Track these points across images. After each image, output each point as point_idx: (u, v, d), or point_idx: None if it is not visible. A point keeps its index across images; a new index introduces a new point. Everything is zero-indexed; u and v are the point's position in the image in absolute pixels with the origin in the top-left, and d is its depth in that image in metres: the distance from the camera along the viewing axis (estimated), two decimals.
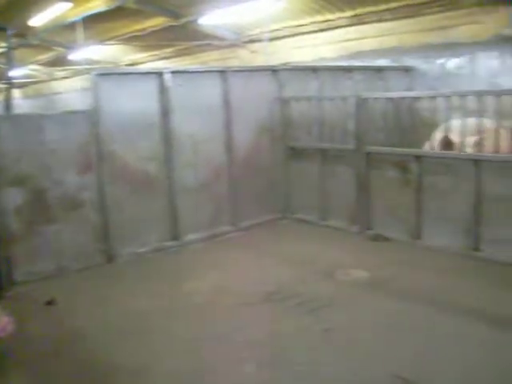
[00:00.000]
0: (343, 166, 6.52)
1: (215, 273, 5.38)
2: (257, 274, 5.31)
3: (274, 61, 10.54)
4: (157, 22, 12.24)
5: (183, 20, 11.59)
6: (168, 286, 5.08)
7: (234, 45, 12.78)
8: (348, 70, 8.07)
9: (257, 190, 7.04)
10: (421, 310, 4.26)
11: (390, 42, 9.72)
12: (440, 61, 8.92)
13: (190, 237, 6.44)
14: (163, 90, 6.04)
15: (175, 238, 6.35)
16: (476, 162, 5.26)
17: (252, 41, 12.38)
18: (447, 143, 5.52)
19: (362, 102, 6.15)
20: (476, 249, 5.41)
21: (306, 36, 11.18)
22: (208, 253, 6.09)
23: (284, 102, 7.05)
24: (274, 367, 3.56)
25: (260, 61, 11.54)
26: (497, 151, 5.14)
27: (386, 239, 6.11)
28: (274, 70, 7.15)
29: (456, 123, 5.54)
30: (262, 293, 4.76)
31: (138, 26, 12.78)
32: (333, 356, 3.65)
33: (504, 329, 3.88)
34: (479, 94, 5.24)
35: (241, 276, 5.30)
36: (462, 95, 5.41)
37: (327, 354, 3.68)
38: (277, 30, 11.41)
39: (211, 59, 13.55)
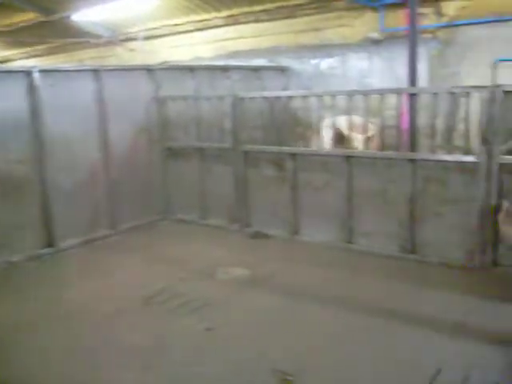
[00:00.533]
0: (221, 164, 6.55)
1: (93, 279, 5.17)
2: (137, 278, 5.18)
3: (153, 60, 10.39)
4: (27, 16, 11.64)
5: (56, 16, 11.10)
6: (42, 296, 4.81)
7: (111, 43, 12.43)
8: (225, 69, 8.12)
9: (136, 192, 6.88)
10: (302, 305, 4.36)
11: (266, 42, 9.92)
12: (314, 61, 9.24)
13: (68, 242, 6.14)
14: (32, 90, 5.72)
15: (51, 244, 6.03)
16: (347, 158, 5.48)
17: (129, 39, 12.12)
18: (340, 138, 5.68)
19: (238, 102, 6.20)
20: (350, 242, 5.64)
21: (183, 35, 11.13)
22: (87, 258, 5.85)
23: (161, 101, 6.95)
24: (158, 370, 3.48)
25: (139, 59, 11.33)
26: (380, 148, 5.38)
27: (266, 236, 6.21)
28: (150, 70, 7.02)
29: (342, 120, 5.72)
30: (143, 296, 4.65)
31: (7, 21, 12.08)
32: (216, 355, 3.64)
33: (378, 317, 4.06)
34: (349, 94, 5.46)
35: (121, 280, 5.14)
36: (333, 94, 5.59)
37: (211, 354, 3.66)
38: (154, 28, 11.28)
39: (88, 57, 13.10)
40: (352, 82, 8.53)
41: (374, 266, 5.14)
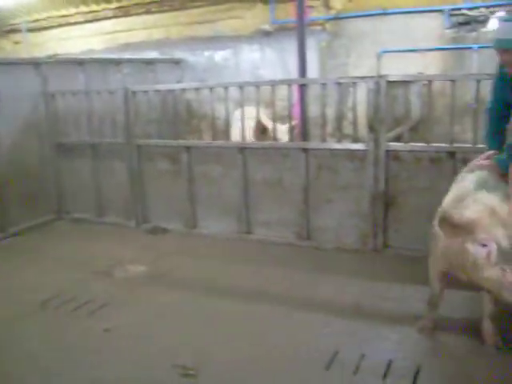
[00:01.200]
0: (115, 160, 6.36)
1: None
2: (33, 282, 4.92)
3: (42, 52, 9.90)
4: None
5: None
6: None
7: None
8: (117, 62, 7.87)
9: (27, 192, 6.52)
10: (201, 298, 4.32)
11: (158, 34, 9.77)
12: (208, 53, 9.22)
13: None
14: None
15: None
16: (241, 149, 5.52)
17: (14, 31, 11.49)
18: (261, 129, 5.65)
19: (130, 95, 6.05)
20: (248, 232, 5.69)
21: (73, 27, 10.71)
22: None
23: (49, 96, 6.63)
24: (58, 377, 3.33)
25: (25, 52, 10.78)
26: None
27: (164, 231, 6.12)
28: (37, 63, 6.67)
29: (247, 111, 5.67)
30: (40, 300, 4.42)
31: None
32: (116, 356, 3.53)
33: (277, 305, 4.11)
34: (241, 85, 5.49)
35: (16, 285, 4.86)
36: (226, 86, 5.59)
37: (110, 356, 3.54)
38: (41, 19, 10.76)
39: None
40: (245, 73, 8.60)
41: (272, 255, 5.22)
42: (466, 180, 3.32)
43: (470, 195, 3.03)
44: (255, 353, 3.45)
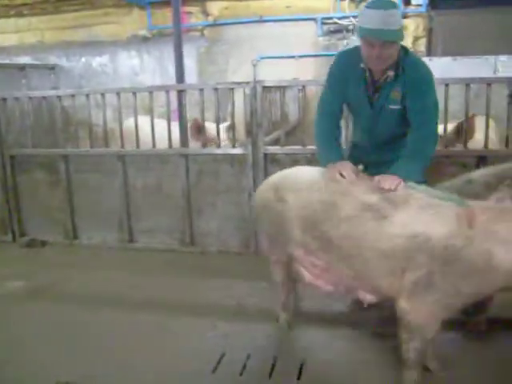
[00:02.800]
0: None
1: None
2: None
3: None
4: None
5: None
6: None
7: None
8: None
9: None
10: (86, 311, 4.19)
11: (31, 38, 9.33)
12: (84, 59, 8.95)
13: None
14: None
15: None
16: (121, 157, 5.43)
17: None
18: (197, 128, 5.47)
19: (1, 103, 5.75)
20: (131, 241, 5.61)
21: None
22: None
23: None
24: None
25: None
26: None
27: (43, 244, 5.86)
28: None
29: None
30: None
31: None
32: None
33: (163, 312, 4.08)
34: (118, 91, 5.39)
35: None
36: (103, 93, 5.47)
37: None
38: None
39: None
40: (124, 79, 8.45)
41: (157, 262, 5.18)
42: None
43: None
44: (141, 363, 3.40)
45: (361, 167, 3.52)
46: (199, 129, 5.37)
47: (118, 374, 3.29)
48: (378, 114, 3.31)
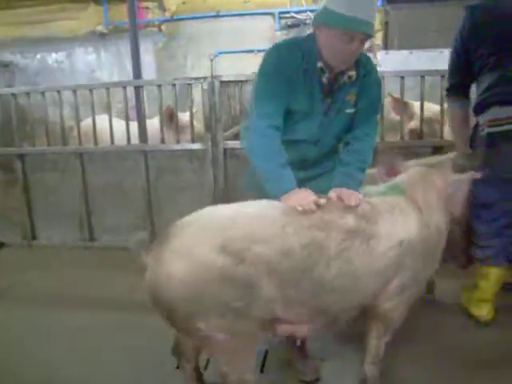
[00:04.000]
0: None
1: None
2: None
3: None
4: None
5: None
6: None
7: None
8: None
9: None
10: (52, 312, 4.11)
11: None
12: (40, 55, 8.79)
13: None
14: None
15: None
16: (79, 154, 5.35)
17: None
18: (170, 115, 5.37)
19: None
20: (92, 239, 5.54)
21: None
22: None
23: None
24: None
25: None
26: None
27: (0, 245, 5.74)
28: None
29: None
30: None
31: None
32: None
33: (126, 311, 4.05)
34: (74, 89, 5.32)
35: None
36: (59, 90, 5.38)
37: None
38: None
39: None
40: (81, 76, 8.34)
41: (119, 261, 5.04)
42: None
43: None
44: (116, 361, 3.37)
45: None
46: (171, 116, 5.31)
47: (93, 374, 3.26)
48: (331, 120, 2.80)
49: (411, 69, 5.19)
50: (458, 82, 3.49)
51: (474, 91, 3.48)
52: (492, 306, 3.48)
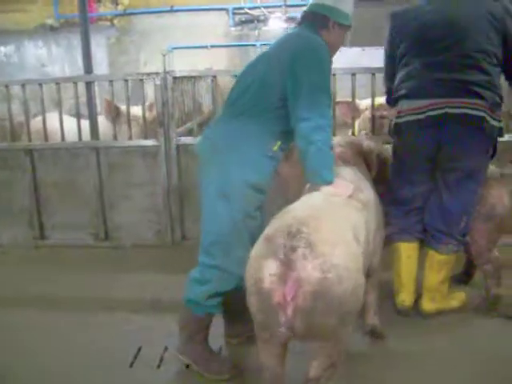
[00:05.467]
0: None
1: None
2: None
3: None
4: None
5: None
6: None
7: None
8: None
9: None
10: None
11: None
12: None
13: None
14: None
15: None
16: (29, 151, 5.24)
17: None
18: (109, 107, 5.26)
19: None
20: (43, 238, 5.43)
21: None
22: None
23: None
24: None
25: None
26: None
27: None
28: None
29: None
30: None
31: None
32: None
33: (79, 310, 3.98)
34: (23, 83, 5.19)
35: None
36: (7, 85, 5.25)
37: None
38: None
39: None
40: (31, 71, 8.15)
41: (70, 259, 5.05)
42: None
43: None
44: (58, 362, 3.31)
45: None
46: (110, 107, 5.24)
47: (34, 374, 3.21)
48: None
49: (363, 66, 5.26)
50: (389, 88, 3.72)
51: None
52: (411, 293, 3.64)
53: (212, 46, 7.63)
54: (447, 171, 3.40)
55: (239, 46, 7.61)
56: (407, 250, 3.60)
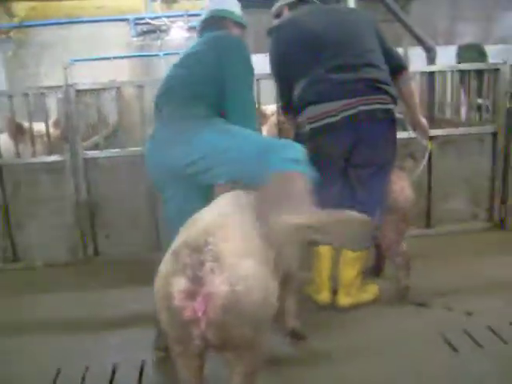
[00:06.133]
0: None
1: None
2: None
3: None
4: None
5: None
6: None
7: None
8: None
9: None
10: None
11: None
12: None
13: None
14: None
15: None
16: None
17: None
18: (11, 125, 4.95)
19: None
20: None
21: None
22: None
23: None
24: None
25: None
26: None
27: None
28: None
29: None
30: None
31: None
32: None
33: None
34: None
35: None
36: None
37: None
38: None
39: None
40: None
41: None
42: None
43: None
44: None
45: None
46: (12, 124, 5.05)
47: None
48: None
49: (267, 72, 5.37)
50: (288, 101, 3.79)
51: None
52: (330, 290, 3.79)
53: (115, 58, 7.53)
54: (360, 167, 3.55)
55: (142, 56, 7.57)
56: (327, 250, 3.71)
